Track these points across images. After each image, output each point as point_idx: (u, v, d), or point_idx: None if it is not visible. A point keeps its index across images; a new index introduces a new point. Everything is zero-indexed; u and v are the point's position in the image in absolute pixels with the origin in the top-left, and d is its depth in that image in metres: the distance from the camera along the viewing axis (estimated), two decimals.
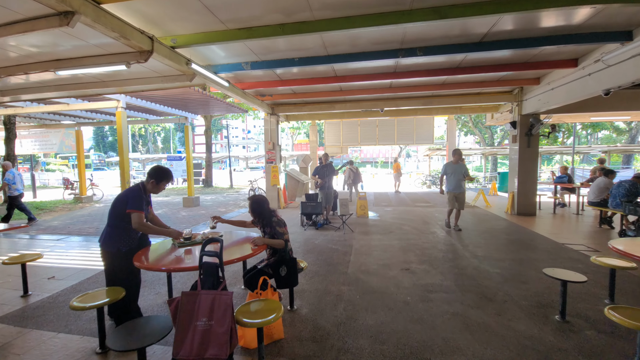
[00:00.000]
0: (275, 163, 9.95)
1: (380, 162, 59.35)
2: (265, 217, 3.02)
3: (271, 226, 2.98)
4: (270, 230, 2.98)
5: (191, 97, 8.65)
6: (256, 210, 3.02)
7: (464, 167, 6.52)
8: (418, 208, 9.78)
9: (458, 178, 6.47)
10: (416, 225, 7.24)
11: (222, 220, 3.24)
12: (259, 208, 3.02)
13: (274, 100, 9.43)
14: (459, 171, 6.46)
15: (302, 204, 7.01)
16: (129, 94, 7.77)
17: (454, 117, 16.34)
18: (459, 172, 6.46)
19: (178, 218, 8.58)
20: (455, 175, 6.47)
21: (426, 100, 9.10)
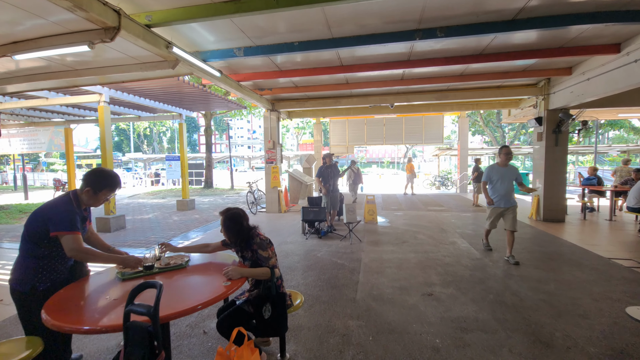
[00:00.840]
0: (275, 163, 9.19)
1: (387, 162, 58.37)
2: (244, 237, 2.25)
3: (252, 249, 2.21)
4: (252, 255, 2.21)
5: (185, 92, 7.93)
6: (231, 229, 2.25)
7: (516, 172, 4.65)
8: (431, 212, 8.95)
9: (507, 187, 4.61)
10: (432, 233, 6.41)
11: (173, 248, 2.47)
12: (235, 226, 2.25)
13: (274, 95, 8.67)
14: (509, 177, 4.61)
15: (304, 210, 6.23)
16: (112, 87, 7.07)
17: (466, 114, 15.47)
18: (509, 179, 4.61)
19: (168, 224, 7.87)
20: (504, 182, 4.61)
21: (440, 95, 8.26)
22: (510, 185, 4.64)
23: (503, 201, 4.66)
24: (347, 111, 10.30)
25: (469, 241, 5.77)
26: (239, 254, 2.34)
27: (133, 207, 10.96)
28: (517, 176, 4.66)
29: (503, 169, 4.68)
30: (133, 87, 7.23)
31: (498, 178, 4.65)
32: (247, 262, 2.25)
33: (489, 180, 4.82)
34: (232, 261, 2.41)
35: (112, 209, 7.10)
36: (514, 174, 4.66)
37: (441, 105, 9.79)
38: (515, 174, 4.66)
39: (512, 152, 4.75)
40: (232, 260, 2.43)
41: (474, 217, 8.24)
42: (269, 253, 2.18)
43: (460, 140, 15.09)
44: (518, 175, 4.67)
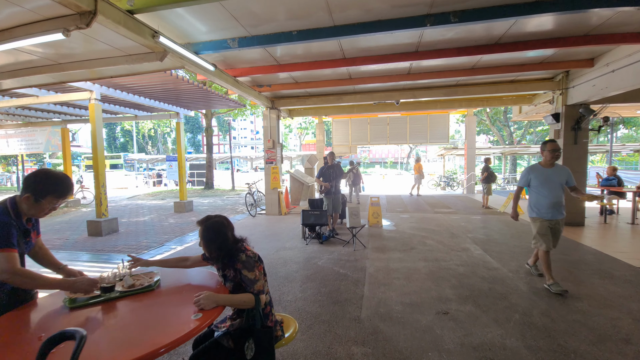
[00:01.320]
0: (275, 163, 8.80)
1: (390, 162, 57.82)
2: (227, 252, 1.85)
3: (235, 268, 1.80)
4: (234, 276, 1.81)
5: (182, 89, 7.57)
6: (212, 242, 1.84)
7: (567, 173, 3.55)
8: (439, 215, 8.49)
9: (556, 193, 3.51)
10: (442, 238, 5.96)
11: (144, 262, 2.08)
12: (217, 238, 1.84)
13: (273, 92, 8.28)
14: (557, 180, 3.51)
15: (304, 213, 5.82)
16: (104, 84, 6.72)
17: (474, 112, 14.98)
18: (557, 182, 3.51)
19: (163, 227, 7.50)
20: (551, 187, 3.51)
21: (449, 90, 7.80)
22: (560, 190, 3.54)
23: (551, 211, 3.52)
24: (350, 109, 9.88)
25: (482, 247, 5.32)
26: (220, 272, 1.94)
27: (130, 209, 10.64)
28: (569, 179, 3.53)
29: (548, 170, 3.58)
30: (126, 84, 6.89)
31: (541, 182, 3.55)
32: (229, 283, 1.84)
33: (528, 185, 3.68)
34: (216, 280, 2.01)
35: (104, 211, 6.76)
36: (564, 175, 3.53)
37: (449, 102, 9.33)
38: (566, 176, 3.53)
39: (559, 148, 3.59)
40: (216, 280, 2.02)
41: (485, 220, 7.76)
42: (255, 274, 1.77)
43: (467, 140, 14.59)
44: (570, 178, 3.54)
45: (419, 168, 13.91)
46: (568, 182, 3.54)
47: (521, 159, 41.45)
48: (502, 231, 6.53)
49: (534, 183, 3.63)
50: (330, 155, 6.30)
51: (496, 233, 6.36)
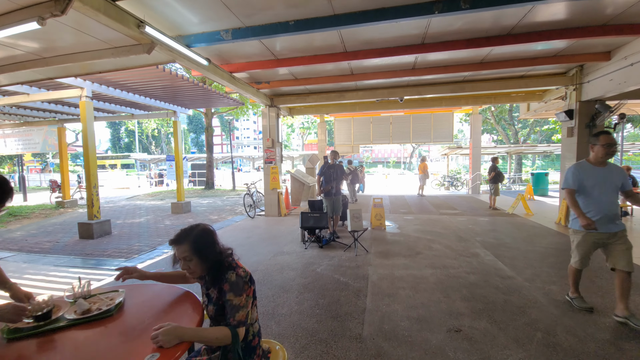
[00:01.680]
0: (275, 163, 8.50)
1: (392, 161, 57.42)
2: (213, 267, 1.54)
3: (220, 288, 1.49)
4: (218, 298, 1.50)
5: (178, 86, 7.31)
6: (196, 254, 1.51)
7: (622, 174, 2.86)
8: (444, 217, 8.15)
9: (610, 199, 2.81)
10: (449, 242, 5.63)
11: (138, 274, 1.74)
12: (202, 251, 1.51)
13: (272, 90, 7.98)
14: (613, 182, 2.82)
15: (303, 216, 5.52)
16: (95, 81, 6.46)
17: (479, 110, 14.61)
18: (612, 185, 2.82)
19: (158, 229, 7.24)
20: (604, 190, 2.81)
21: (456, 87, 7.46)
22: (616, 196, 2.83)
23: (604, 222, 2.79)
24: (353, 107, 9.56)
25: (493, 253, 4.98)
26: (204, 291, 1.63)
27: (127, 210, 10.40)
28: (625, 181, 2.82)
29: (601, 169, 2.85)
30: (119, 81, 6.63)
31: (593, 184, 2.83)
32: (212, 306, 1.53)
33: (577, 187, 2.91)
34: (191, 301, 1.70)
35: (95, 213, 6.50)
36: (620, 177, 2.83)
37: (455, 99, 8.97)
38: (622, 178, 2.82)
39: (616, 143, 2.89)
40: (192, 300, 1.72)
41: (493, 222, 7.41)
42: (242, 300, 1.44)
43: (472, 138, 14.21)
44: (626, 180, 2.82)
45: (424, 168, 13.56)
46: (624, 186, 2.81)
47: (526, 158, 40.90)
48: (513, 234, 6.19)
49: (584, 185, 2.88)
50: (332, 154, 5.98)
51: (507, 236, 6.01)
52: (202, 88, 7.42)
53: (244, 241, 5.91)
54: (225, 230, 6.90)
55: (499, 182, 8.74)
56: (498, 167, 8.86)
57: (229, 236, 6.34)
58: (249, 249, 5.35)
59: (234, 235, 6.42)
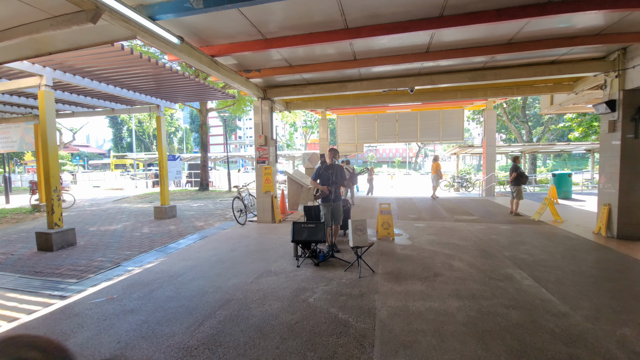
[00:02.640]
0: (268, 163, 7.56)
1: (398, 161, 56.31)
2: None
3: None
4: None
5: (161, 77, 6.45)
6: None
7: None
8: (461, 224, 7.15)
9: None
10: (473, 258, 4.65)
11: None
12: None
13: (264, 79, 7.05)
14: None
15: (295, 227, 4.57)
16: (57, 67, 5.58)
17: (495, 105, 13.57)
18: None
19: (132, 238, 6.34)
20: None
21: (475, 75, 6.46)
22: None
23: None
24: (356, 100, 8.59)
25: (531, 274, 3.99)
26: None
27: (108, 214, 9.54)
28: None
29: None
30: (88, 68, 5.75)
31: None
32: None
33: None
34: None
35: (57, 221, 5.61)
36: None
37: (472, 90, 7.96)
38: None
39: None
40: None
41: (519, 231, 6.41)
42: None
43: (486, 136, 13.17)
44: None
45: (437, 168, 12.52)
46: None
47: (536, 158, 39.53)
48: (547, 248, 5.18)
49: None
50: (331, 153, 5.02)
51: (541, 251, 5.01)
52: (188, 79, 6.53)
53: (226, 256, 4.98)
54: (208, 241, 5.97)
55: (521, 184, 7.71)
56: (520, 168, 7.84)
57: (210, 249, 5.41)
58: (229, 267, 4.42)
59: (216, 247, 5.50)
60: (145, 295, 3.53)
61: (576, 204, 10.55)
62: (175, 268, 4.44)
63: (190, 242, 5.88)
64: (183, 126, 63.19)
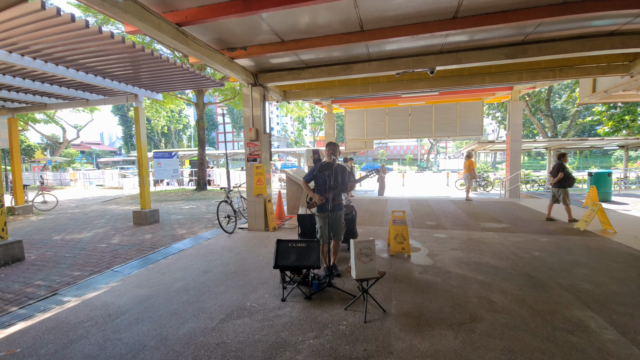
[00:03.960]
0: (260, 161, 6.46)
1: (409, 158, 54.65)
2: None
3: None
4: None
5: (138, 61, 5.43)
6: None
7: None
8: (490, 234, 5.90)
9: None
10: (518, 289, 3.44)
11: None
12: None
13: (254, 60, 5.90)
14: None
15: (279, 246, 3.45)
16: None
17: (522, 94, 12.15)
18: None
19: (94, 251, 5.33)
20: None
21: (514, 50, 5.17)
22: None
23: None
24: (364, 87, 7.37)
25: (608, 319, 2.78)
26: None
27: (87, 218, 8.64)
28: None
29: None
30: (43, 49, 4.73)
31: None
32: None
33: None
34: None
35: None
36: None
37: (505, 74, 6.63)
38: None
39: None
40: None
41: (566, 245, 5.13)
42: None
43: (511, 130, 11.74)
44: None
45: (470, 166, 11.13)
46: None
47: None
48: (613, 272, 3.92)
49: None
50: (329, 148, 3.86)
51: (607, 277, 3.76)
52: (167, 62, 5.47)
53: (194, 280, 3.90)
54: (181, 257, 4.91)
55: (567, 186, 6.39)
56: (567, 167, 6.50)
57: (180, 269, 4.35)
58: (192, 300, 3.33)
59: (188, 266, 4.43)
60: (56, 352, 2.47)
61: (619, 207, 9.12)
62: (122, 300, 3.38)
63: (159, 258, 4.83)
64: (192, 123, 62.96)
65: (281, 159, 48.39)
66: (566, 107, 33.09)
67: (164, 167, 15.40)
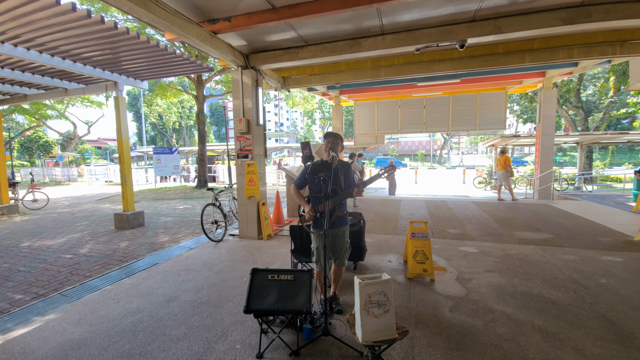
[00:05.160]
0: (252, 158, 5.50)
1: (421, 154, 52.93)
2: None
3: None
4: None
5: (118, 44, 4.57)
6: None
7: None
8: (530, 248, 4.79)
9: None
10: (599, 346, 2.37)
11: None
12: None
13: (242, 34, 4.89)
14: None
15: (254, 280, 2.46)
16: None
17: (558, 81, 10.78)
18: None
19: (48, 268, 4.51)
20: None
21: (574, 14, 3.98)
22: None
23: None
24: (375, 70, 6.27)
25: None
26: None
27: (70, 220, 7.92)
28: None
29: None
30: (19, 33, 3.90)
31: None
32: None
33: None
34: None
35: None
36: None
37: (550, 50, 5.37)
38: None
39: None
40: None
41: (636, 266, 3.99)
42: None
43: (542, 123, 10.41)
44: None
45: (507, 162, 9.89)
46: None
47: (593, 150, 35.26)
48: None
49: None
50: (328, 140, 2.86)
51: None
52: (145, 43, 4.60)
53: (151, 314, 2.98)
54: (152, 273, 4.02)
55: None
56: None
57: (142, 293, 3.45)
58: (134, 352, 2.41)
59: (151, 290, 3.53)
60: None
61: None
62: (47, 347, 2.50)
63: (123, 276, 3.95)
64: None
65: (290, 155, 47.55)
66: (591, 99, 30.85)
67: (164, 163, 14.73)
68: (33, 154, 38.36)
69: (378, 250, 4.74)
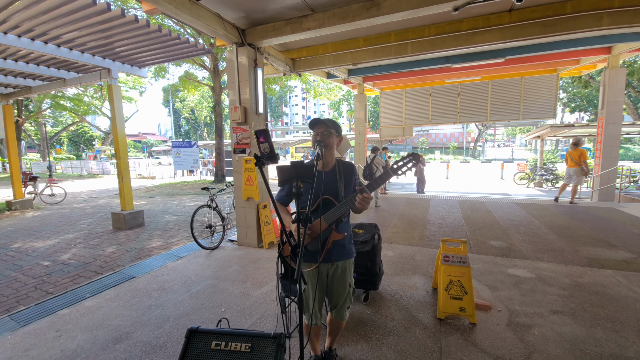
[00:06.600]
0: (250, 152, 4.69)
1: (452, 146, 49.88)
2: None
3: None
4: None
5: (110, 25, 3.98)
6: None
7: None
8: (608, 274, 3.56)
9: None
10: None
11: None
12: None
13: (235, 2, 4.03)
14: None
15: (189, 348, 1.60)
16: None
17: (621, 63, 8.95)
18: None
19: (17, 278, 4.02)
20: None
21: None
22: None
23: None
24: (400, 47, 5.14)
25: None
26: None
27: (77, 216, 7.67)
28: None
29: None
30: None
31: None
32: None
33: None
34: None
35: None
36: None
37: (633, 13, 4.04)
38: None
39: None
40: None
41: None
42: None
43: (606, 109, 8.66)
44: None
45: (580, 157, 7.79)
46: None
47: (632, 142, 31.21)
48: None
49: None
50: (317, 130, 1.94)
51: None
52: (134, 23, 3.93)
53: None
54: (121, 291, 3.36)
55: None
56: None
57: (94, 324, 2.77)
58: None
59: (106, 320, 2.84)
60: None
61: None
62: None
63: (86, 296, 3.31)
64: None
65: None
66: None
67: (183, 157, 14.50)
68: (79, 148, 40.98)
69: (400, 270, 3.76)
